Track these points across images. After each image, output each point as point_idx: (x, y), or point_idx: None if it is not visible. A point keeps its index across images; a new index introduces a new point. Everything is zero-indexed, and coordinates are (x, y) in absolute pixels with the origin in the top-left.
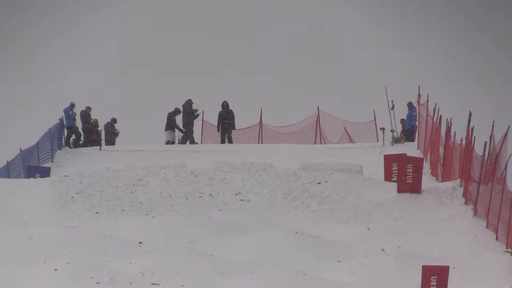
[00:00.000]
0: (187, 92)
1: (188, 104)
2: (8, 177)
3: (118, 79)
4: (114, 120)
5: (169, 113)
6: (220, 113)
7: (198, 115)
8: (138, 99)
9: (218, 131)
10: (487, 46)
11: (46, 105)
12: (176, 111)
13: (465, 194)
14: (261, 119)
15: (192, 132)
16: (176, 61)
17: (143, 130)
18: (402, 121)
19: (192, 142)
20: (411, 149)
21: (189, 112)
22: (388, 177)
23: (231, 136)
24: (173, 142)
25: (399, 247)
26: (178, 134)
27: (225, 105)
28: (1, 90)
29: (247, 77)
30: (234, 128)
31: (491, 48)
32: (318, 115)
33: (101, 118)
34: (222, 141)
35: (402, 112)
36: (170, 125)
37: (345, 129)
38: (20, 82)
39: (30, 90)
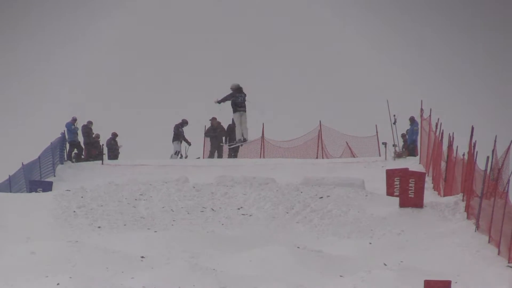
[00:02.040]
0: (190, 105)
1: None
2: (10, 191)
3: (119, 92)
4: (115, 135)
5: (176, 125)
6: (229, 126)
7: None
8: (139, 113)
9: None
10: (490, 61)
11: (48, 119)
12: (184, 123)
13: (467, 209)
14: (263, 134)
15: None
16: (174, 71)
17: (146, 144)
18: (403, 135)
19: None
20: (413, 164)
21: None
22: (390, 192)
23: (237, 153)
24: (179, 152)
25: (401, 261)
26: (185, 147)
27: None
28: (2, 103)
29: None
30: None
31: (495, 62)
32: (320, 130)
33: (102, 132)
34: (230, 156)
35: (404, 127)
36: (178, 137)
37: (347, 143)
38: (21, 96)
39: (32, 104)
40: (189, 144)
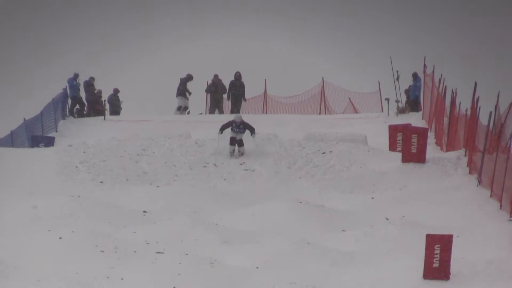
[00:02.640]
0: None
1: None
2: (12, 147)
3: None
4: (116, 91)
5: (181, 79)
6: (231, 82)
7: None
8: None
9: (228, 99)
10: (494, 14)
11: (50, 75)
12: (189, 77)
13: (469, 164)
14: (265, 90)
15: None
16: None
17: (148, 99)
18: (406, 91)
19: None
20: (416, 120)
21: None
22: (392, 147)
23: (239, 108)
24: (185, 108)
25: (403, 216)
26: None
27: (237, 76)
28: (4, 59)
29: (252, 47)
30: (244, 100)
31: (498, 16)
32: (323, 86)
33: (104, 87)
34: (232, 111)
35: (406, 83)
36: (182, 91)
37: (350, 99)
38: (24, 52)
39: (34, 60)
40: (189, 93)
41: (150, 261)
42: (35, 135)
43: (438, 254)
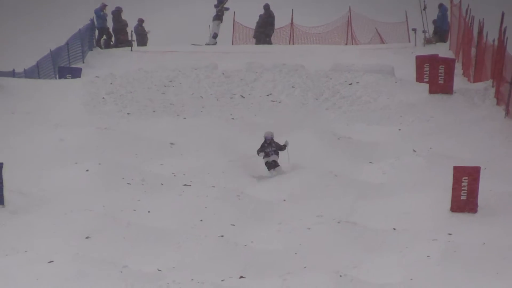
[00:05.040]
0: None
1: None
2: (39, 78)
3: None
4: (141, 21)
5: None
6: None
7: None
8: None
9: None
10: None
11: (77, 5)
12: None
13: (497, 95)
14: (292, 20)
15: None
16: None
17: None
18: (434, 21)
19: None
20: (443, 50)
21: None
22: (419, 78)
23: (270, 38)
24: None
25: (430, 148)
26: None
27: (266, 7)
28: None
29: None
30: (272, 30)
31: None
32: (350, 16)
33: (129, 19)
34: (260, 42)
35: (434, 13)
36: (219, 15)
37: (376, 30)
38: None
39: None
40: (227, 9)
41: (177, 193)
42: (62, 66)
43: (465, 186)
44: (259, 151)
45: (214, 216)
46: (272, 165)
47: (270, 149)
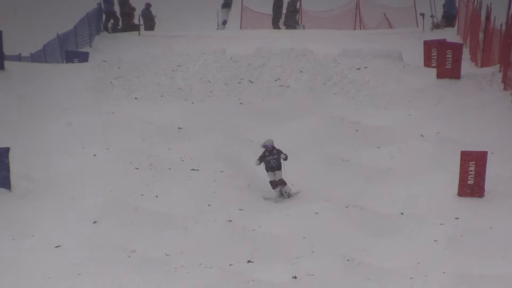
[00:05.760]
0: None
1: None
2: (46, 62)
3: None
4: (148, 5)
5: None
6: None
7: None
8: None
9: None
10: None
11: None
12: None
13: (504, 80)
14: (300, 4)
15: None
16: None
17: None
18: (443, 6)
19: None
20: (451, 35)
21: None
22: (427, 63)
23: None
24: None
25: (438, 132)
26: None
27: None
28: None
29: None
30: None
31: None
32: (358, 1)
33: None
34: (276, 27)
35: None
36: (228, 2)
37: (384, 14)
38: None
39: None
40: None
41: (185, 178)
42: (69, 50)
43: (472, 171)
44: (258, 160)
45: (222, 201)
46: (277, 184)
47: (272, 157)
